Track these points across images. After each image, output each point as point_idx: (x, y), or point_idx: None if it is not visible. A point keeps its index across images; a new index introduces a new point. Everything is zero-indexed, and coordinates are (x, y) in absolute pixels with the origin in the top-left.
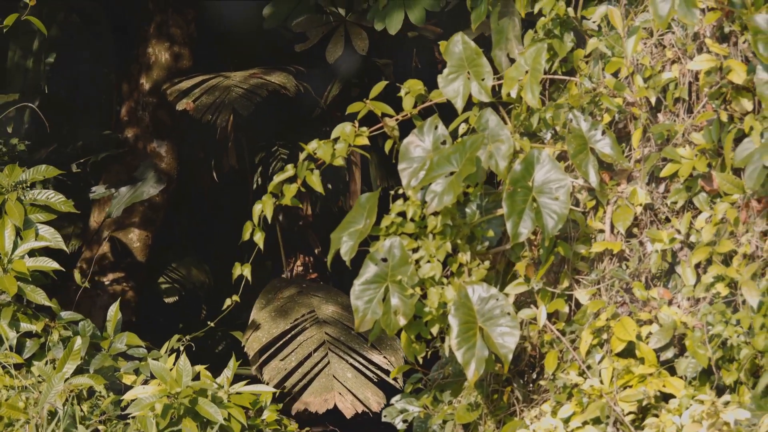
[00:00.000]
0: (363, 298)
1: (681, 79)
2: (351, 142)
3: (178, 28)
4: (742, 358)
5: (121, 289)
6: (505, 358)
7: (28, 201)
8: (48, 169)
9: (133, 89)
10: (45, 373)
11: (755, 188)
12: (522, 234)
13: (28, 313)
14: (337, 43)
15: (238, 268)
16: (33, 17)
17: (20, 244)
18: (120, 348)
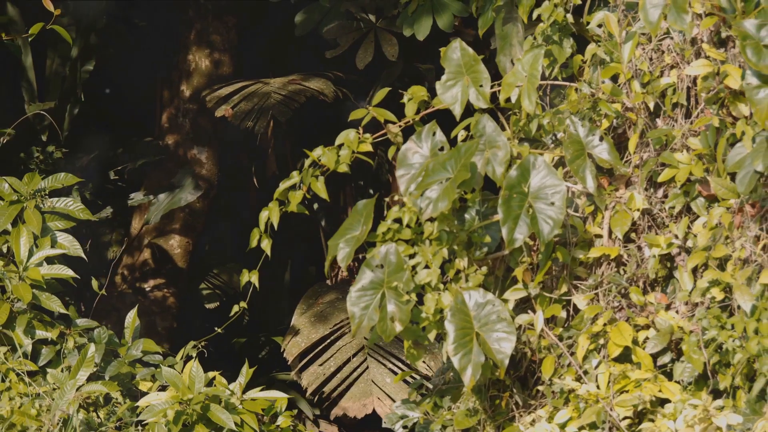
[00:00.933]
0: (359, 305)
1: (679, 84)
2: (355, 149)
3: (219, 35)
4: (736, 363)
5: (162, 296)
6: (502, 364)
7: (47, 209)
8: (67, 177)
9: (174, 96)
10: (59, 380)
11: (746, 193)
12: (517, 240)
13: (45, 320)
14: (367, 49)
15: (246, 274)
16: (59, 27)
17: (35, 252)
18: (135, 355)
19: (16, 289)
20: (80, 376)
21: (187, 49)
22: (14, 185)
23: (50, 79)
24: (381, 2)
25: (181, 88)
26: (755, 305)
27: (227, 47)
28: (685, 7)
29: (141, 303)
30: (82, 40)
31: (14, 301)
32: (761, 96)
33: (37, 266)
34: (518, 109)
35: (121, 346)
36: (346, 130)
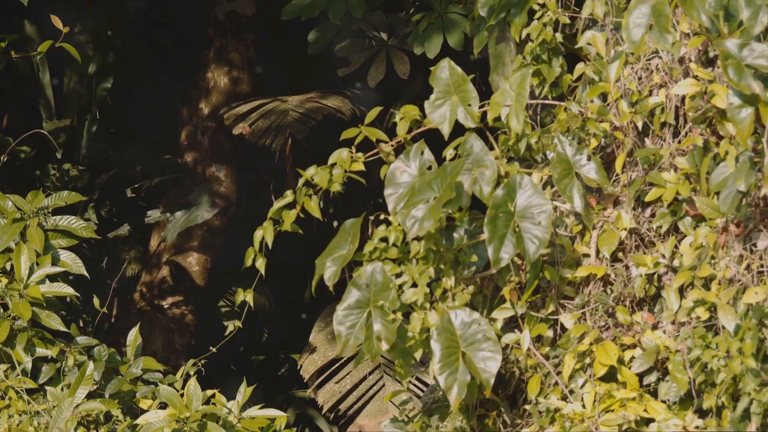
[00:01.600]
0: (346, 324)
1: (667, 104)
2: (347, 168)
3: (237, 53)
4: (720, 383)
5: (180, 313)
6: (487, 383)
7: (50, 226)
8: (70, 195)
9: (193, 114)
10: (57, 398)
11: (729, 213)
12: (503, 259)
13: (47, 337)
14: (378, 67)
15: (241, 294)
16: (68, 45)
17: (36, 270)
18: (135, 373)
19: (16, 307)
20: (79, 393)
21: (206, 66)
22: (17, 203)
23: (68, 96)
24: (393, 20)
25: (200, 105)
26: (739, 325)
27: (246, 65)
28: (668, 26)
29: (159, 320)
30: (100, 57)
31: (15, 319)
32: (743, 115)
33: (38, 284)
34: (508, 128)
35: (123, 363)
36: (339, 149)
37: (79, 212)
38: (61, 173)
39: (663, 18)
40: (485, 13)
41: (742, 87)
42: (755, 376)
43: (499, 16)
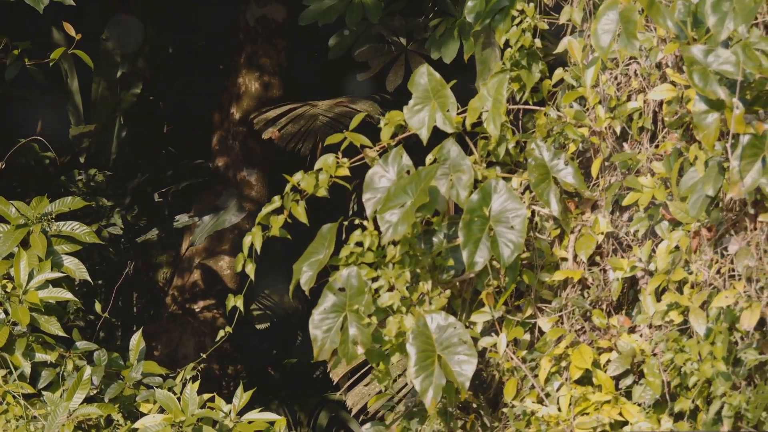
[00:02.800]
0: (322, 328)
1: (645, 109)
2: (332, 173)
3: (268, 58)
4: (692, 386)
5: (211, 317)
6: (462, 386)
7: (54, 232)
8: (74, 201)
9: (224, 119)
10: (53, 403)
11: (698, 217)
12: (478, 263)
13: (49, 342)
14: (397, 71)
15: (231, 299)
16: (80, 51)
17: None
18: (136, 377)
19: (15, 313)
20: (76, 398)
21: (237, 72)
22: (21, 209)
23: (96, 102)
24: (412, 25)
25: (231, 110)
26: (710, 328)
27: (277, 70)
28: (635, 33)
29: (191, 324)
30: (130, 64)
31: (15, 324)
32: (709, 121)
33: (38, 289)
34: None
35: (127, 368)
36: (325, 154)
37: (105, 217)
38: (87, 178)
39: (630, 24)
40: (472, 19)
41: (707, 93)
42: (726, 379)
43: (485, 22)
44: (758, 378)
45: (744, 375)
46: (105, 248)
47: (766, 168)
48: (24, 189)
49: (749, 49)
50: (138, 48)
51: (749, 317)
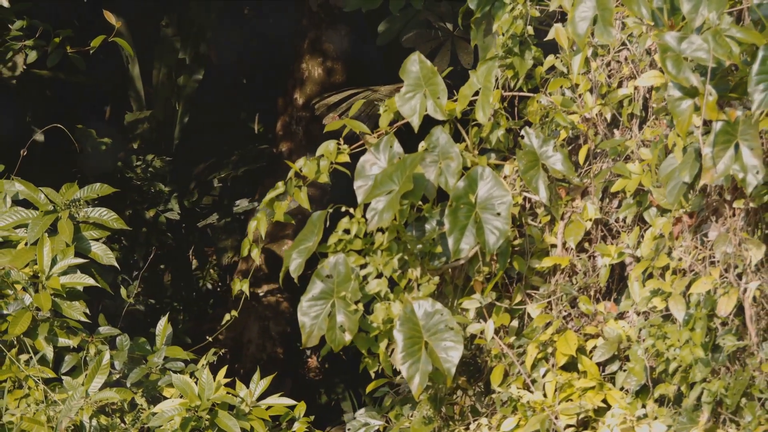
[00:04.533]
0: (310, 314)
1: (636, 95)
2: (333, 160)
3: (331, 44)
4: (671, 371)
5: (275, 300)
6: (448, 372)
7: (82, 218)
8: (102, 188)
9: (288, 104)
10: (73, 387)
11: (674, 204)
12: (463, 250)
13: (76, 327)
14: (443, 57)
15: (237, 283)
16: (120, 39)
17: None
18: (158, 362)
19: (36, 298)
20: (95, 383)
21: (300, 57)
22: (50, 195)
23: (157, 88)
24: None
25: (294, 96)
26: (690, 314)
27: (340, 55)
28: (611, 20)
29: (255, 308)
30: (192, 49)
31: (38, 310)
32: (683, 107)
33: (61, 275)
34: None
35: (153, 353)
36: (327, 141)
37: (162, 202)
38: (146, 163)
39: (607, 12)
40: (474, 6)
41: (680, 80)
42: (705, 365)
43: (485, 9)
44: (738, 364)
45: (723, 361)
46: (163, 233)
47: (739, 154)
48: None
49: (720, 36)
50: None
51: (726, 303)
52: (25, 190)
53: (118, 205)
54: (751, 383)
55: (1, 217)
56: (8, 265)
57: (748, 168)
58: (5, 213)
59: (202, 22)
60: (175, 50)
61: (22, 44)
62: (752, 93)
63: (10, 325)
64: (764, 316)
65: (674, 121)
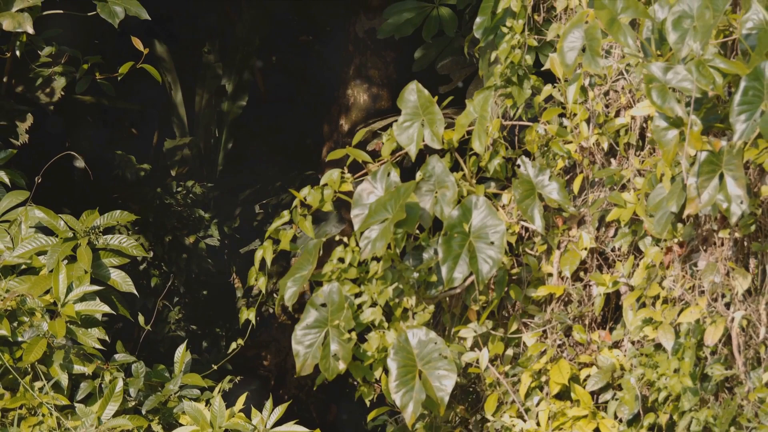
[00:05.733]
0: (304, 343)
1: (632, 124)
2: (337, 189)
3: (377, 70)
4: (662, 401)
5: None
6: (441, 401)
7: (101, 245)
8: (122, 215)
9: (333, 130)
10: (85, 414)
11: (662, 233)
12: (456, 279)
13: (95, 353)
14: (477, 84)
15: (245, 312)
16: (149, 66)
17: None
18: (173, 389)
19: (51, 326)
20: (108, 410)
21: (346, 83)
22: (69, 222)
23: (199, 115)
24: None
25: (340, 122)
26: (679, 343)
27: (385, 82)
28: (599, 50)
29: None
30: (236, 76)
31: (54, 337)
32: (668, 137)
33: (76, 302)
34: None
35: (170, 380)
36: (331, 170)
37: (203, 228)
38: (186, 190)
39: (595, 42)
40: (479, 35)
41: (665, 110)
42: (694, 394)
43: (489, 38)
44: (727, 393)
45: (712, 390)
46: (204, 259)
47: (723, 184)
48: (124, 201)
49: (704, 66)
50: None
51: (713, 333)
52: (45, 217)
53: (158, 231)
54: (740, 412)
55: (22, 244)
56: (26, 292)
57: (732, 198)
58: (25, 240)
59: (247, 48)
60: (218, 77)
61: (51, 70)
62: (734, 123)
63: (25, 352)
64: (752, 345)
65: (660, 151)
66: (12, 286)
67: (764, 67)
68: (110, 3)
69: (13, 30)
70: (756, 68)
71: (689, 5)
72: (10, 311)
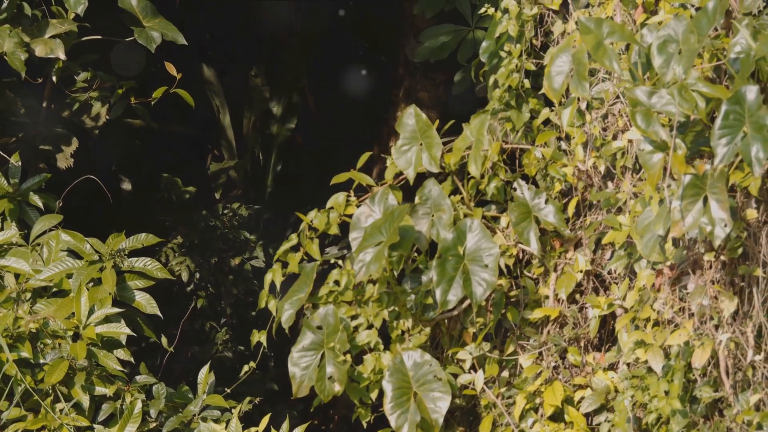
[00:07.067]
0: (300, 365)
1: (629, 148)
2: (342, 212)
3: (426, 92)
4: (652, 423)
5: None
6: (436, 423)
7: (126, 268)
8: (147, 238)
9: (383, 152)
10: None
11: (650, 257)
12: (450, 301)
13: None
14: None
15: (256, 335)
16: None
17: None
18: (193, 410)
19: (73, 348)
20: (127, 431)
21: (395, 106)
22: (95, 245)
23: (246, 137)
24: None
25: (389, 144)
26: (669, 365)
27: (434, 104)
28: (586, 74)
29: None
30: (286, 98)
31: (74, 359)
32: (654, 161)
33: (98, 324)
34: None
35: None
36: (337, 193)
37: (249, 251)
38: (231, 212)
39: (582, 66)
40: (485, 59)
41: (649, 134)
42: (683, 416)
43: (493, 62)
44: (717, 415)
45: (702, 413)
46: (249, 281)
47: (707, 207)
48: (171, 223)
49: (686, 91)
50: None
51: (700, 355)
52: (71, 240)
53: (204, 253)
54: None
55: (48, 267)
56: (51, 314)
57: (716, 221)
58: (52, 263)
59: (295, 72)
60: (264, 99)
61: (87, 95)
62: (715, 147)
63: (47, 374)
64: (741, 368)
65: (646, 174)
66: (39, 309)
67: (745, 92)
68: (147, 29)
69: (46, 56)
70: (737, 92)
71: (674, 29)
72: (33, 333)
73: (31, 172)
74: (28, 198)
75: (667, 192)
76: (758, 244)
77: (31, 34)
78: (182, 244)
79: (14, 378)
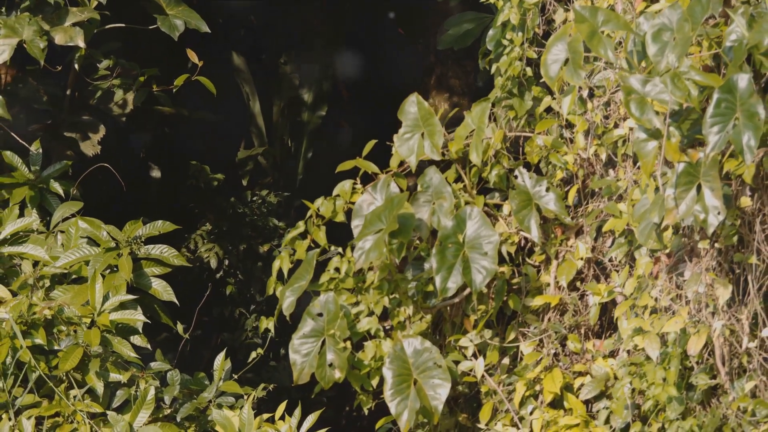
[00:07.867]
0: (301, 352)
1: (630, 135)
2: (348, 199)
3: (457, 79)
4: (648, 410)
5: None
6: (435, 410)
7: (143, 255)
8: (164, 225)
9: None
10: (116, 422)
11: (647, 244)
12: (450, 289)
13: (133, 360)
14: None
15: (264, 321)
16: (203, 78)
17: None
18: (207, 397)
19: (87, 335)
20: (140, 417)
21: (427, 93)
22: (112, 232)
23: (277, 125)
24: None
25: None
26: (665, 353)
27: (466, 91)
28: (581, 63)
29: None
30: (317, 86)
31: (88, 345)
32: (648, 149)
33: (113, 311)
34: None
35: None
36: (343, 181)
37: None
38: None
39: (577, 55)
40: (491, 47)
41: (643, 122)
42: (680, 403)
43: (498, 50)
44: (713, 401)
45: (698, 399)
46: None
47: (701, 195)
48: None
49: (679, 79)
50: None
51: (695, 342)
52: (88, 227)
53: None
54: (724, 421)
55: (65, 254)
56: (68, 301)
57: (709, 209)
58: (69, 250)
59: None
60: (294, 87)
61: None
62: (707, 135)
63: (61, 360)
64: (736, 355)
65: (640, 162)
66: (56, 296)
67: (737, 80)
68: (170, 17)
69: (65, 44)
70: (728, 80)
71: (669, 18)
72: (48, 320)
73: (54, 159)
74: (49, 185)
75: (662, 180)
76: (753, 231)
77: (51, 22)
78: (211, 231)
79: (28, 364)
